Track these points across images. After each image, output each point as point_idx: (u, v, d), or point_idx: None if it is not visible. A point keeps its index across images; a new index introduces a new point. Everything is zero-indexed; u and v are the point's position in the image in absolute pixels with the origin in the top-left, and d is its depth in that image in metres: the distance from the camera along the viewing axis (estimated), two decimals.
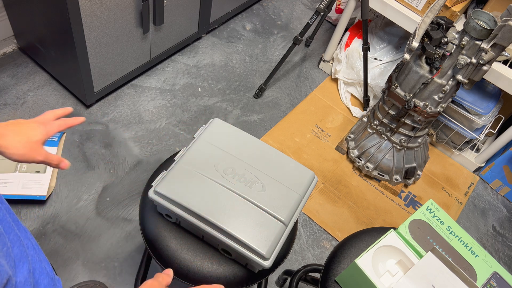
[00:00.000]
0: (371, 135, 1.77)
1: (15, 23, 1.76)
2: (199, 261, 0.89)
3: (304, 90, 2.09)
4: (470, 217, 1.83)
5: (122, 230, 1.49)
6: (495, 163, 1.89)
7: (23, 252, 0.65)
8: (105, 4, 1.46)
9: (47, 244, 1.41)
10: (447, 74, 1.45)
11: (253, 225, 0.81)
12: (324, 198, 1.74)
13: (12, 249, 0.63)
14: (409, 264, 0.87)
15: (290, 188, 0.88)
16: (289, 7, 2.46)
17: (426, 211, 0.95)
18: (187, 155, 0.89)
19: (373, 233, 0.99)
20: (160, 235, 0.91)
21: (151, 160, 1.68)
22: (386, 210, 1.76)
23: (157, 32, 1.78)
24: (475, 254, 0.91)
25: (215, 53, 2.12)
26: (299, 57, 2.23)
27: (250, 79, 2.06)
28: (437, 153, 2.00)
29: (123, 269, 1.41)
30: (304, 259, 1.56)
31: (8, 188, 1.44)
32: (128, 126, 1.75)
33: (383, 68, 1.96)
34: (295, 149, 1.86)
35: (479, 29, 1.29)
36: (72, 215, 1.48)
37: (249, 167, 0.89)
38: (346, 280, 0.90)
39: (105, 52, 1.60)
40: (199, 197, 0.83)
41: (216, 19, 2.13)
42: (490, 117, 1.78)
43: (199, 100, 1.91)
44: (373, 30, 2.02)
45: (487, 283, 0.88)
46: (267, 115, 1.95)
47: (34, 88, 1.77)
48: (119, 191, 1.57)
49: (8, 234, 0.64)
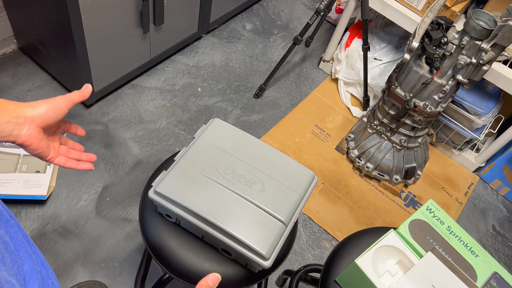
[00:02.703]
0: (371, 135, 1.77)
1: (15, 23, 1.76)
2: (199, 261, 0.89)
3: (304, 90, 2.09)
4: (470, 217, 1.83)
5: (122, 230, 1.49)
6: (495, 163, 1.89)
7: (33, 269, 0.63)
8: (105, 4, 1.46)
9: (47, 244, 1.41)
10: (447, 74, 1.45)
11: (253, 225, 0.81)
12: (324, 198, 1.74)
13: (23, 266, 0.62)
14: (409, 264, 0.87)
15: (290, 188, 0.88)
16: (289, 7, 2.46)
17: (426, 211, 0.95)
18: (187, 155, 0.89)
19: (373, 233, 0.99)
20: (160, 235, 0.91)
21: (151, 160, 1.68)
22: (386, 210, 1.76)
23: (157, 32, 1.78)
24: (475, 254, 0.91)
25: (215, 53, 2.12)
26: (299, 57, 2.23)
27: (250, 79, 2.06)
28: (437, 153, 2.00)
29: (123, 269, 1.41)
30: (304, 259, 1.56)
31: (8, 188, 1.44)
32: (128, 126, 1.75)
33: (383, 68, 1.96)
34: (295, 149, 1.86)
35: (479, 29, 1.29)
36: (72, 215, 1.48)
37: (249, 167, 0.89)
38: (346, 280, 0.90)
39: (105, 52, 1.60)
40: (199, 197, 0.83)
41: (216, 19, 2.13)
42: (490, 117, 1.78)
43: (199, 100, 1.91)
44: (373, 30, 2.02)
45: (487, 283, 0.88)
46: (267, 115, 1.95)
47: (34, 88, 1.77)
48: (119, 191, 1.57)
49: (19, 251, 0.63)
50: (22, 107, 0.63)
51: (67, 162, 0.73)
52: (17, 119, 0.62)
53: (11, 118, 0.61)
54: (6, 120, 0.61)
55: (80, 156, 0.77)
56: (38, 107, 0.64)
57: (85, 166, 0.76)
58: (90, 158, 0.78)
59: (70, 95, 0.69)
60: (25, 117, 0.63)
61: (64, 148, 0.75)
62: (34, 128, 0.64)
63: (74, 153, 0.76)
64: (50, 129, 0.69)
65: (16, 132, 0.62)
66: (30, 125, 0.63)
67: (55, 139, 0.72)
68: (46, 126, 0.66)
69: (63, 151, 0.74)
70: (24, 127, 0.63)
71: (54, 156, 0.71)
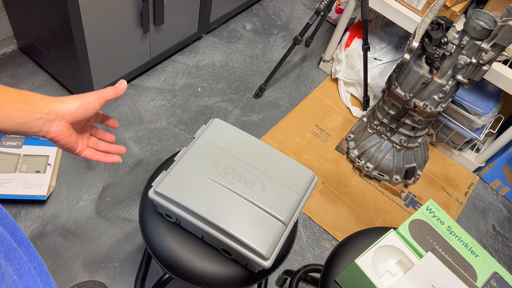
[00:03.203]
0: (371, 135, 1.77)
1: (15, 23, 1.76)
2: (199, 261, 0.89)
3: (304, 90, 2.09)
4: (470, 217, 1.83)
5: (122, 230, 1.49)
6: (495, 163, 1.89)
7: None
8: (105, 4, 1.46)
9: (47, 244, 1.41)
10: (447, 74, 1.45)
11: (253, 225, 0.81)
12: (324, 198, 1.74)
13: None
14: (409, 264, 0.87)
15: (290, 188, 0.88)
16: (289, 7, 2.46)
17: (426, 211, 0.95)
18: (187, 155, 0.89)
19: (373, 233, 0.99)
20: (160, 235, 0.91)
21: (151, 160, 1.68)
22: (386, 210, 1.76)
23: (157, 32, 1.78)
24: (475, 254, 0.91)
25: (215, 53, 2.12)
26: (299, 57, 2.23)
27: (250, 79, 2.06)
28: (437, 153, 2.00)
29: (123, 269, 1.41)
30: (304, 259, 1.56)
31: (8, 188, 1.44)
32: (128, 126, 1.75)
33: (383, 68, 1.96)
34: (295, 149, 1.86)
35: (479, 29, 1.29)
36: (72, 215, 1.48)
37: (249, 167, 0.89)
38: (346, 280, 0.90)
39: (105, 52, 1.60)
40: (199, 197, 0.83)
41: (216, 19, 2.13)
42: (490, 117, 1.78)
43: (199, 100, 1.91)
44: (373, 30, 2.02)
45: (487, 283, 0.88)
46: (267, 115, 1.95)
47: (34, 88, 1.77)
48: (119, 191, 1.57)
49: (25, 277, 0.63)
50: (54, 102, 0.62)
51: (95, 155, 0.73)
52: (49, 116, 0.61)
53: (43, 114, 0.61)
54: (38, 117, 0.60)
55: (110, 148, 0.76)
56: (70, 103, 0.64)
57: (113, 159, 0.75)
58: (119, 151, 0.77)
59: (103, 91, 0.69)
60: (56, 113, 0.62)
61: (93, 140, 0.74)
62: (64, 124, 0.64)
63: (103, 145, 0.75)
64: (80, 124, 0.69)
65: (47, 128, 0.62)
66: (60, 121, 0.63)
67: (85, 131, 0.72)
68: (76, 122, 0.66)
69: (91, 144, 0.74)
70: (55, 123, 0.63)
71: (82, 150, 0.71)
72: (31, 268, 0.66)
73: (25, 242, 0.69)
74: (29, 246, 0.69)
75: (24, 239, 0.69)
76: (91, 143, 0.73)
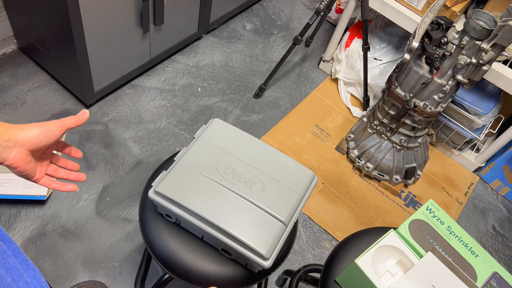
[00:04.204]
0: (371, 135, 1.77)
1: (15, 23, 1.76)
2: (199, 261, 0.89)
3: (304, 90, 2.09)
4: (470, 217, 1.83)
5: (122, 230, 1.49)
6: (495, 163, 1.89)
7: None
8: (105, 4, 1.46)
9: (47, 244, 1.41)
10: (447, 74, 1.45)
11: (253, 225, 0.81)
12: (324, 198, 1.74)
13: None
14: (409, 264, 0.87)
15: (290, 188, 0.88)
16: (289, 7, 2.47)
17: (426, 211, 0.95)
18: (187, 155, 0.89)
19: (373, 233, 0.99)
20: (160, 235, 0.91)
21: (151, 160, 1.68)
22: (386, 210, 1.76)
23: (157, 32, 1.78)
24: (475, 254, 0.91)
25: (215, 53, 2.12)
26: (299, 57, 2.23)
27: (250, 79, 2.06)
28: (437, 153, 2.00)
29: (123, 269, 1.41)
30: (304, 259, 1.56)
31: (8, 188, 1.44)
32: (128, 126, 1.75)
33: (383, 68, 1.96)
34: (295, 149, 1.86)
35: (479, 29, 1.29)
36: (72, 215, 1.48)
37: (249, 167, 0.89)
38: (346, 280, 0.90)
39: (105, 52, 1.60)
40: (199, 197, 0.83)
41: (216, 19, 2.13)
42: (490, 117, 1.78)
43: (199, 100, 1.91)
44: (373, 30, 2.02)
45: (487, 283, 0.88)
46: (267, 115, 1.95)
47: (34, 88, 1.77)
48: (119, 191, 1.57)
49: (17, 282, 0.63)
50: (13, 129, 0.62)
51: (52, 183, 0.73)
52: (7, 143, 0.61)
53: (2, 141, 0.61)
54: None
55: (70, 175, 0.76)
56: (30, 130, 0.64)
57: (69, 188, 0.75)
58: (79, 178, 0.77)
59: (65, 120, 0.69)
60: (16, 140, 0.62)
61: (52, 167, 0.74)
62: (23, 151, 0.64)
63: (63, 173, 0.75)
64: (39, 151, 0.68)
65: (4, 155, 0.62)
66: (19, 148, 0.63)
67: (44, 159, 0.72)
68: (35, 150, 0.66)
69: (50, 171, 0.73)
70: (13, 150, 0.62)
71: (40, 178, 0.70)
72: (16, 263, 0.66)
73: (7, 238, 0.69)
74: (11, 242, 0.69)
75: (5, 236, 0.69)
76: (49, 171, 0.73)
